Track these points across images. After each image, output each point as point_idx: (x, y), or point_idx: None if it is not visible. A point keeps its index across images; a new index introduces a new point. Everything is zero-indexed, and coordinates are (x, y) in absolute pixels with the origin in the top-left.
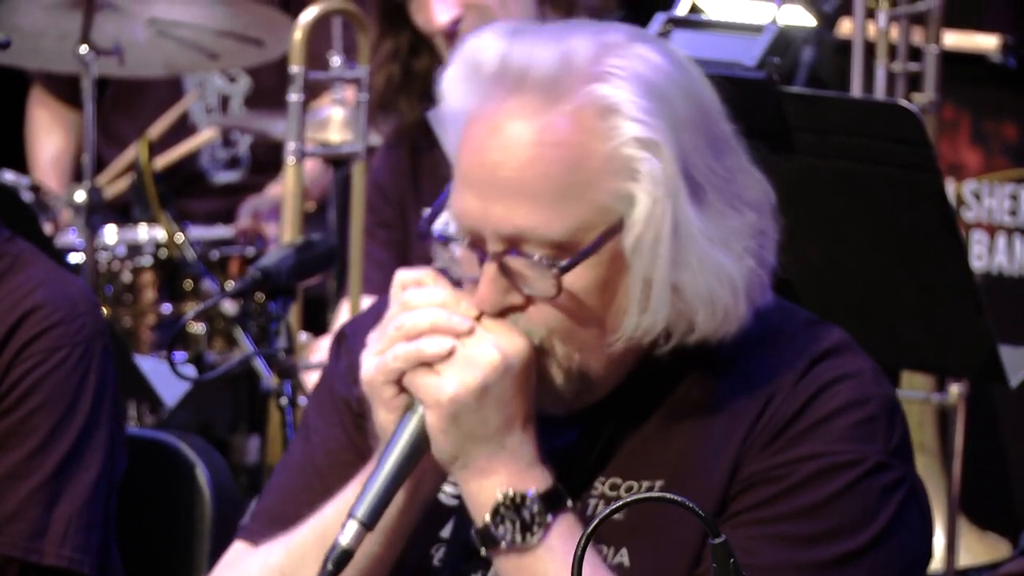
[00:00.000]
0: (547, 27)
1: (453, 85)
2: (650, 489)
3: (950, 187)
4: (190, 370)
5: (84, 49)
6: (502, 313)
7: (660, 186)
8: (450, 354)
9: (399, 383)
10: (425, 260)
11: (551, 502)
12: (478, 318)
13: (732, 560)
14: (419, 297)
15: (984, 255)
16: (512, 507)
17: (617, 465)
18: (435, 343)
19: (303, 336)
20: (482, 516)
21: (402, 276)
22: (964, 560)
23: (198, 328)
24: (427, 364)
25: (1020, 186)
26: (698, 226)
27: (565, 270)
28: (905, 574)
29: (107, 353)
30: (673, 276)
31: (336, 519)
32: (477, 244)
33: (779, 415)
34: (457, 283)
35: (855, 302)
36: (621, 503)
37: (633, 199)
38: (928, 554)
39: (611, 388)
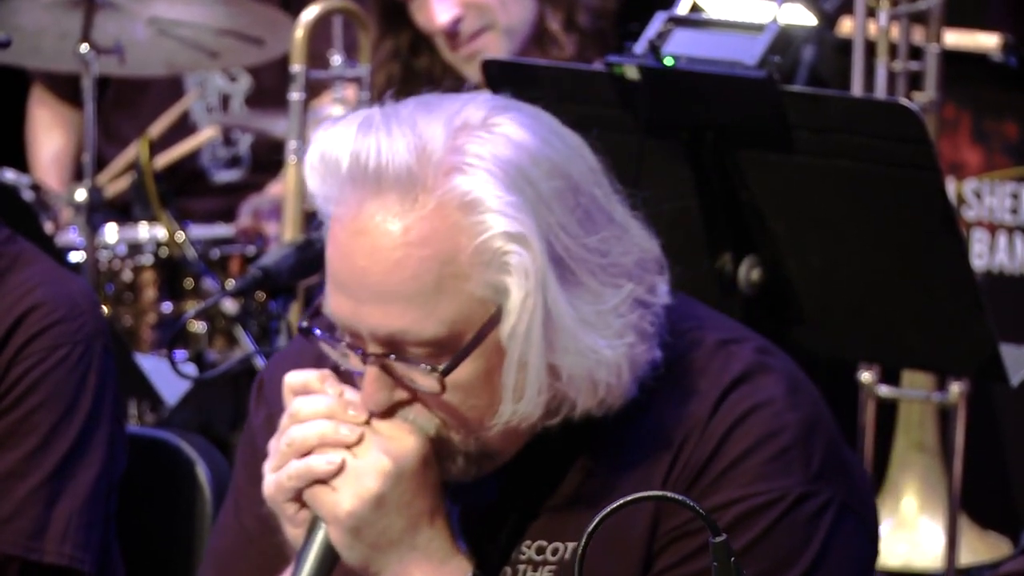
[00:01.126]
0: (401, 110)
1: (312, 174)
2: (575, 551)
3: (951, 186)
4: (191, 369)
5: (85, 48)
6: (392, 409)
7: (530, 278)
8: (341, 468)
9: (299, 499)
10: None
11: None
12: (368, 420)
13: (732, 559)
14: (306, 408)
15: (985, 254)
16: None
17: (541, 527)
18: (324, 460)
19: None
20: None
21: (290, 380)
22: (965, 559)
23: (199, 327)
24: (322, 480)
25: (1021, 185)
26: (571, 314)
27: (447, 373)
28: None
29: (107, 352)
30: (549, 362)
31: None
32: (356, 343)
33: (693, 461)
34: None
35: (855, 301)
36: (619, 503)
37: (507, 290)
38: (873, 554)
39: (517, 451)
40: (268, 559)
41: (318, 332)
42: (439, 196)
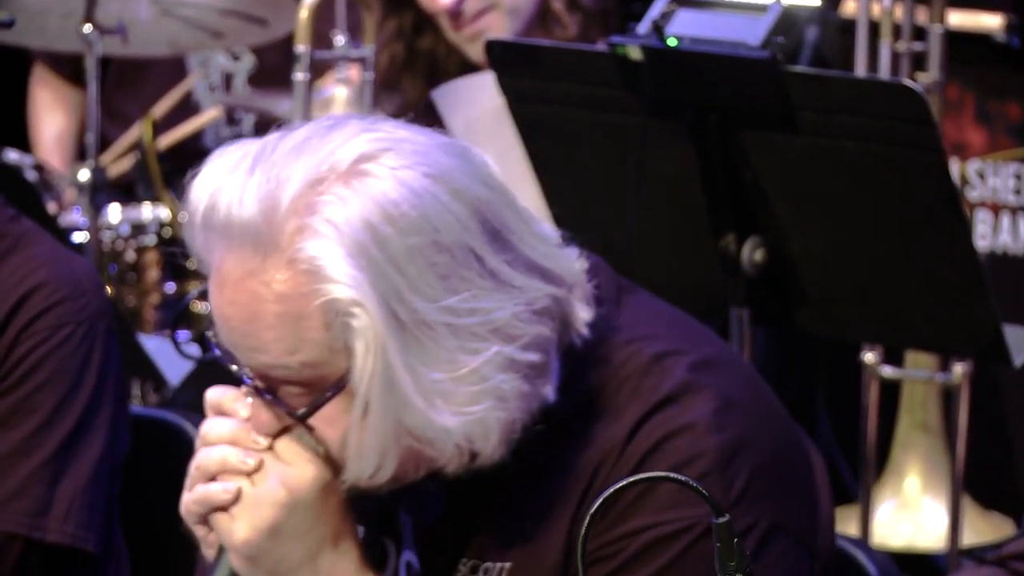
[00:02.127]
0: (279, 148)
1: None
2: (502, 571)
3: (954, 166)
4: (194, 349)
5: (88, 28)
6: (284, 430)
7: (370, 343)
8: (238, 497)
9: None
10: None
11: None
12: (271, 446)
13: (735, 540)
14: (213, 431)
15: (988, 234)
16: None
17: (477, 544)
18: (221, 488)
19: None
20: None
21: (209, 397)
22: (968, 539)
23: (202, 307)
24: (222, 507)
25: None
26: (412, 382)
27: (304, 418)
28: None
29: (111, 332)
30: (394, 425)
31: None
32: (241, 369)
33: (608, 486)
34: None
35: (859, 282)
36: (623, 483)
37: (352, 351)
38: (813, 567)
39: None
40: None
41: (216, 349)
42: (288, 256)
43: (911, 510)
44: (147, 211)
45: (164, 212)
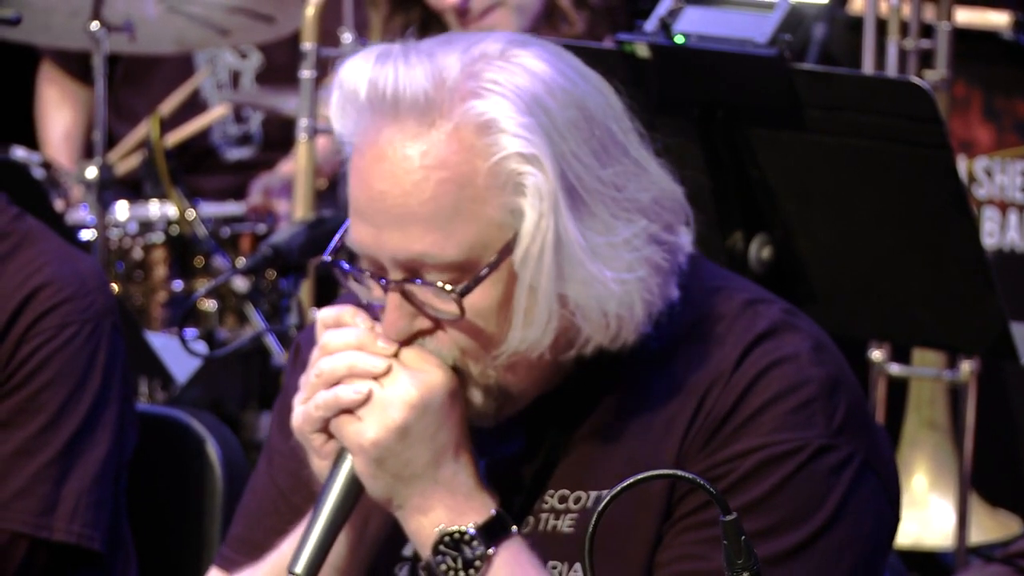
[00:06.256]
0: (421, 44)
1: (335, 113)
2: (598, 500)
3: (961, 164)
4: (201, 347)
5: (95, 25)
6: (413, 338)
7: (544, 200)
8: (368, 398)
9: (327, 430)
10: None
11: (492, 532)
12: (396, 354)
13: (743, 538)
14: (336, 339)
15: (996, 232)
16: (452, 544)
17: (564, 476)
18: (351, 389)
19: (314, 313)
20: (425, 553)
21: (323, 315)
22: (975, 537)
23: (209, 305)
24: (348, 410)
25: None
26: (581, 242)
27: (465, 293)
28: (865, 548)
29: (116, 330)
30: (558, 290)
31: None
32: (378, 272)
33: (715, 411)
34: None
35: (866, 279)
36: (629, 482)
37: (522, 213)
38: (893, 519)
39: (537, 394)
40: (299, 512)
41: (344, 265)
42: (456, 119)
43: (918, 508)
44: (154, 208)
45: (171, 209)
